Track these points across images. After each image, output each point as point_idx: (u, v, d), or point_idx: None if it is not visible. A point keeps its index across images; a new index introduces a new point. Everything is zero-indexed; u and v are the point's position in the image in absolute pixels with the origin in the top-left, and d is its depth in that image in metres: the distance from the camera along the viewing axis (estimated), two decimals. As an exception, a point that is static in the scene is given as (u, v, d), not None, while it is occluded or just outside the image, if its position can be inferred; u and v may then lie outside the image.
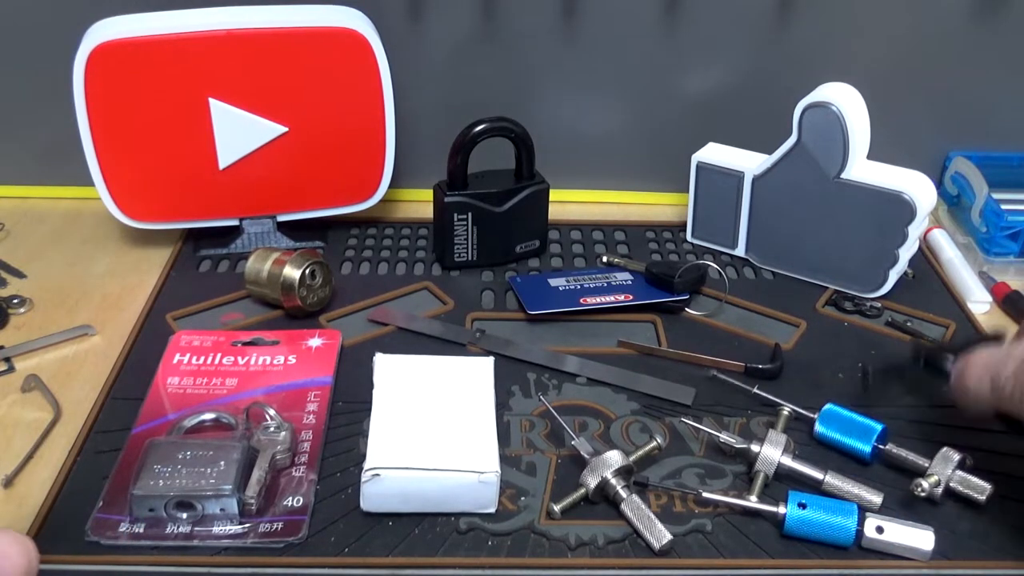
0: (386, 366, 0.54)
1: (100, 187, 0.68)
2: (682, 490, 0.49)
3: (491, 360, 0.56)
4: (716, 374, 0.58)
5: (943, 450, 0.50)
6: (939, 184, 0.80)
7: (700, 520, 0.48)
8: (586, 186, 0.82)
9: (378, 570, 0.45)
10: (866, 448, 0.51)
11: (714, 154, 0.72)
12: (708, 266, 0.70)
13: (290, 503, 0.48)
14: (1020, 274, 0.72)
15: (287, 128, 0.68)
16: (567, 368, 0.59)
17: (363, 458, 0.48)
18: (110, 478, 0.49)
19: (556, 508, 0.48)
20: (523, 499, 0.49)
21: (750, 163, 0.70)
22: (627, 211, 0.81)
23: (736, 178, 0.70)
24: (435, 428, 0.50)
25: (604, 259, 0.72)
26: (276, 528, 0.46)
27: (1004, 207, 0.72)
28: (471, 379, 0.54)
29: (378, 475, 0.46)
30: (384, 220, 0.78)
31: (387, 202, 0.77)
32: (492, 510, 0.48)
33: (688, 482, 0.51)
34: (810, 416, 0.54)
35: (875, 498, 0.48)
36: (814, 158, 0.65)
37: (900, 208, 0.63)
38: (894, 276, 0.67)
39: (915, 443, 0.52)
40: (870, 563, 0.46)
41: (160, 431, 0.52)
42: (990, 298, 0.69)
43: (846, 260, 0.68)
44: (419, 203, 0.80)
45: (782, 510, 0.47)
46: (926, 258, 0.74)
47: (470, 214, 0.68)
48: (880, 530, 0.46)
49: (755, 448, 0.50)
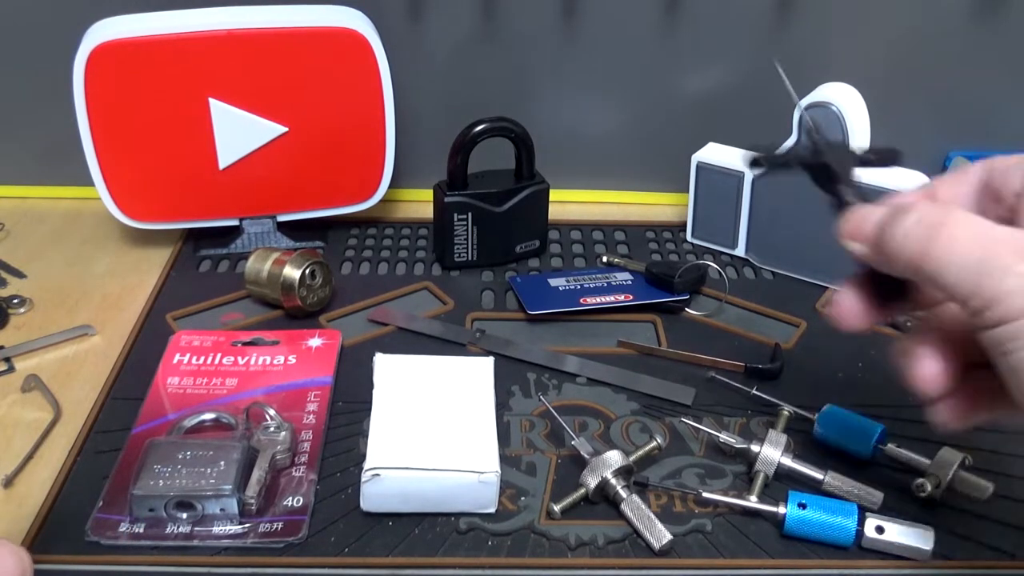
0: (386, 366, 0.54)
1: (100, 187, 0.68)
2: (682, 490, 0.50)
3: (491, 360, 0.56)
4: (715, 375, 0.58)
5: (943, 450, 0.50)
6: (939, 184, 0.80)
7: (700, 520, 0.48)
8: (586, 186, 0.82)
9: (378, 570, 0.45)
10: (866, 448, 0.51)
11: (714, 154, 0.72)
12: (708, 266, 0.70)
13: (290, 503, 0.48)
14: (1020, 274, 0.72)
15: (287, 128, 0.68)
16: (567, 368, 0.59)
17: (363, 458, 0.48)
18: (110, 478, 0.49)
19: (556, 508, 0.48)
20: (523, 499, 0.49)
21: (750, 163, 0.70)
22: (627, 211, 0.81)
23: (736, 178, 0.70)
24: (435, 428, 0.49)
25: (604, 259, 0.72)
26: (276, 528, 0.46)
27: (1004, 207, 0.72)
28: (471, 379, 0.54)
29: (378, 475, 0.46)
30: (384, 220, 0.78)
31: (387, 202, 0.77)
32: (492, 510, 0.48)
33: (688, 482, 0.51)
34: (810, 416, 0.54)
35: (875, 498, 0.48)
36: (814, 158, 0.65)
37: (900, 208, 0.63)
38: (894, 276, 0.66)
39: (915, 443, 0.52)
40: (870, 563, 0.46)
41: (160, 431, 0.52)
42: (990, 298, 0.69)
43: (846, 260, 0.67)
44: (419, 203, 0.80)
45: (782, 510, 0.47)
46: (926, 258, 0.73)
47: (470, 214, 0.68)
48: (880, 530, 0.46)
49: (755, 448, 0.50)
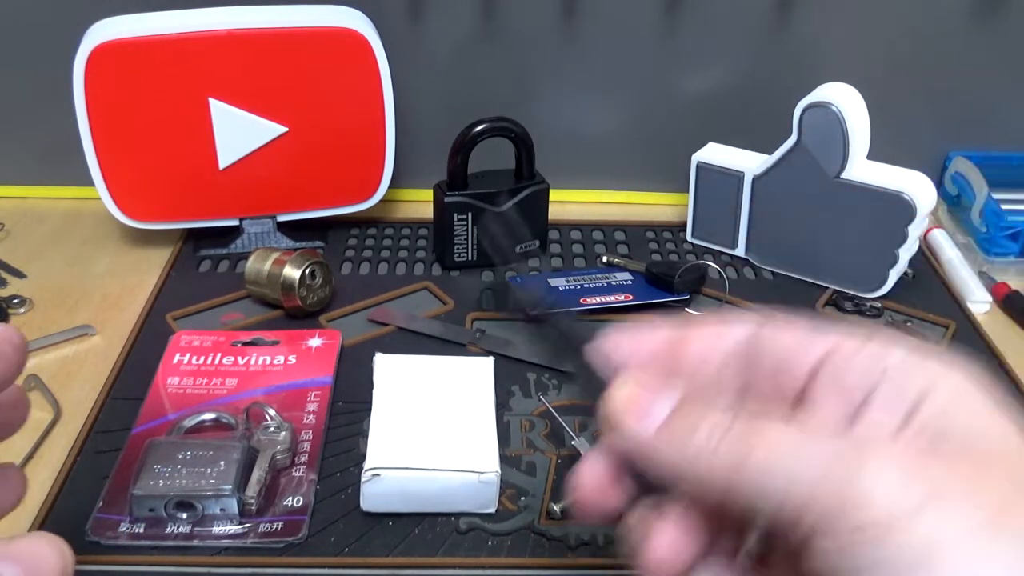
0: (386, 366, 0.54)
1: (100, 187, 0.68)
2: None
3: (491, 360, 0.56)
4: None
5: (943, 450, 0.50)
6: (939, 184, 0.80)
7: (700, 520, 0.48)
8: (586, 186, 0.82)
9: (378, 570, 0.45)
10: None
11: (714, 154, 0.72)
12: (708, 266, 0.70)
13: (290, 503, 0.48)
14: (1020, 274, 0.72)
15: (287, 128, 0.68)
16: (567, 368, 0.59)
17: (363, 458, 0.48)
18: (110, 478, 0.49)
19: (556, 508, 0.48)
20: (523, 499, 0.49)
21: (750, 163, 0.70)
22: (627, 211, 0.81)
23: (736, 178, 0.70)
24: (435, 428, 0.49)
25: (604, 259, 0.72)
26: (276, 528, 0.46)
27: (1004, 207, 0.72)
28: (471, 379, 0.54)
29: (378, 475, 0.46)
30: (384, 220, 0.78)
31: (387, 202, 0.76)
32: (492, 510, 0.48)
33: (688, 482, 0.51)
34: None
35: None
36: (814, 158, 0.65)
37: (900, 208, 0.63)
38: (894, 276, 0.66)
39: (915, 443, 0.52)
40: (870, 563, 0.46)
41: (160, 431, 0.52)
42: (990, 298, 0.69)
43: (846, 260, 0.68)
44: (419, 203, 0.80)
45: (782, 510, 0.47)
46: (926, 258, 0.74)
47: (470, 214, 0.68)
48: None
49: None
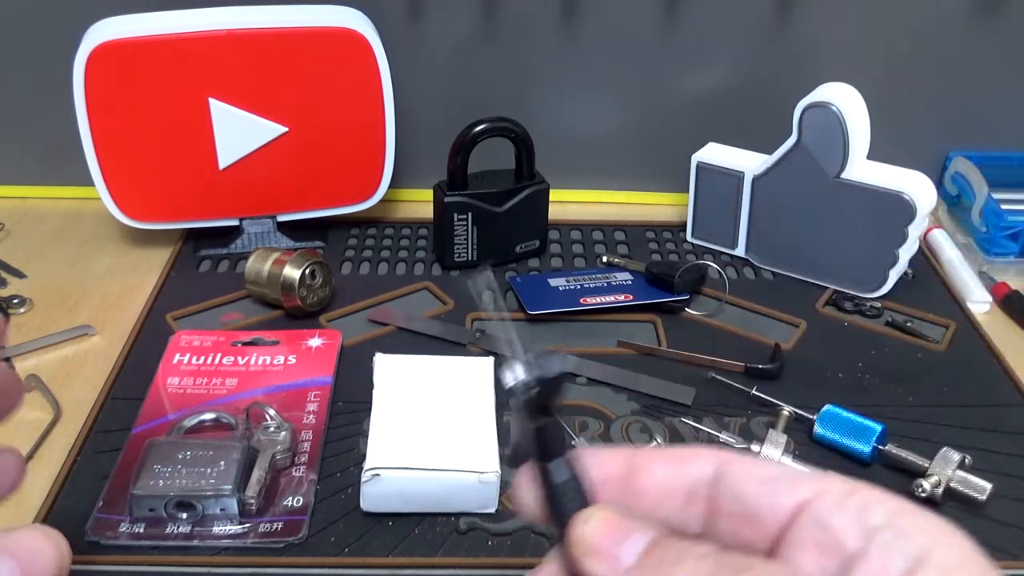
0: (386, 366, 0.54)
1: (100, 187, 0.68)
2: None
3: (491, 360, 0.56)
4: (715, 375, 0.58)
5: (943, 450, 0.50)
6: (939, 184, 0.80)
7: (700, 520, 0.48)
8: (586, 186, 0.82)
9: (378, 570, 0.45)
10: (866, 448, 0.51)
11: (714, 154, 0.72)
12: (708, 266, 0.70)
13: (290, 503, 0.48)
14: (1020, 274, 0.72)
15: (287, 128, 0.68)
16: (567, 368, 0.59)
17: (363, 458, 0.48)
18: (110, 478, 0.49)
19: (556, 508, 0.48)
20: (523, 499, 0.49)
21: (750, 163, 0.70)
22: (627, 211, 0.81)
23: (736, 178, 0.70)
24: (435, 428, 0.49)
25: (604, 259, 0.72)
26: (276, 528, 0.46)
27: (1004, 207, 0.72)
28: (471, 379, 0.54)
29: (378, 475, 0.46)
30: (384, 220, 0.78)
31: (387, 202, 0.76)
32: (492, 510, 0.48)
33: (688, 482, 0.51)
34: (810, 417, 0.54)
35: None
36: (814, 158, 0.65)
37: (900, 208, 0.63)
38: (894, 276, 0.66)
39: (915, 443, 0.52)
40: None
41: (160, 431, 0.52)
42: (990, 298, 0.69)
43: (846, 260, 0.68)
44: (419, 203, 0.80)
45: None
46: (926, 258, 0.73)
47: (470, 214, 0.68)
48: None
49: (755, 448, 0.50)
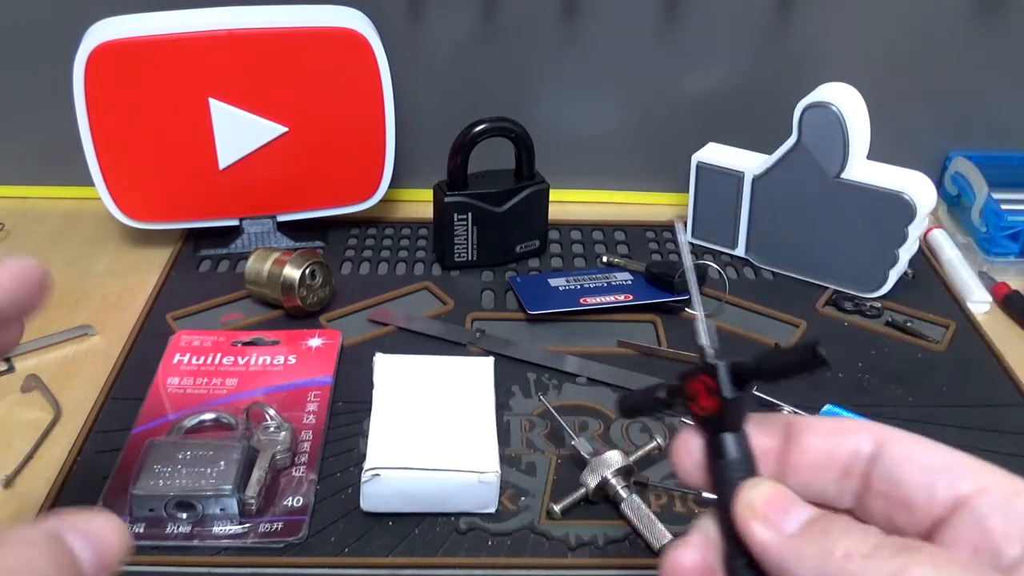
0: (386, 366, 0.54)
1: (100, 187, 0.68)
2: (682, 490, 0.50)
3: (491, 360, 0.56)
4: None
5: (943, 450, 0.50)
6: (939, 184, 0.80)
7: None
8: (586, 186, 0.82)
9: (378, 570, 0.45)
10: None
11: (714, 154, 0.72)
12: (708, 266, 0.70)
13: (290, 503, 0.48)
14: (1020, 274, 0.72)
15: (287, 128, 0.68)
16: (567, 368, 0.59)
17: (363, 458, 0.48)
18: (110, 478, 0.49)
19: (556, 508, 0.48)
20: (523, 499, 0.49)
21: (750, 163, 0.70)
22: (627, 211, 0.81)
23: (736, 178, 0.70)
24: (435, 428, 0.49)
25: (604, 259, 0.72)
26: (276, 528, 0.46)
27: (1004, 207, 0.72)
28: (471, 379, 0.54)
29: (378, 475, 0.46)
30: (384, 220, 0.78)
31: (387, 202, 0.77)
32: (492, 510, 0.48)
33: (688, 482, 0.51)
34: (810, 416, 0.54)
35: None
36: (814, 158, 0.65)
37: (900, 208, 0.63)
38: (894, 276, 0.66)
39: (915, 443, 0.52)
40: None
41: (160, 431, 0.52)
42: (990, 298, 0.69)
43: (846, 260, 0.68)
44: (419, 203, 0.80)
45: (782, 510, 0.47)
46: (926, 258, 0.74)
47: (470, 214, 0.68)
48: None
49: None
